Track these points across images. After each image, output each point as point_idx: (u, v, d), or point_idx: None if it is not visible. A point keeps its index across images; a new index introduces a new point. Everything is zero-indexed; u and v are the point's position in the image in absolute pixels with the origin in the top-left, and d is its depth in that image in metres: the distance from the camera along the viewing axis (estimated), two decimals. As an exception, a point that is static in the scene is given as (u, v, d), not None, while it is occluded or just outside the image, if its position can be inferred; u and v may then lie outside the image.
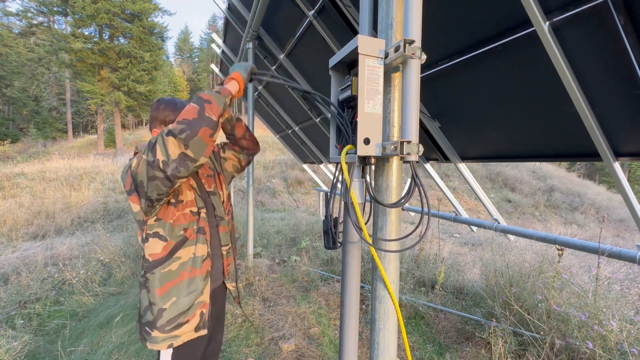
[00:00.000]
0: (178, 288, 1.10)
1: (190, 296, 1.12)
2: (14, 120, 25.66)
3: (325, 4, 2.46)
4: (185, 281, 1.11)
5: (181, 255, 1.11)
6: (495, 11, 1.60)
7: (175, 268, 1.10)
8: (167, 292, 1.09)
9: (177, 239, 1.11)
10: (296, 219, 6.59)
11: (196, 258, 1.14)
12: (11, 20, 23.15)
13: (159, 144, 0.95)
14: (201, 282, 1.15)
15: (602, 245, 1.94)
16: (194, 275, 1.13)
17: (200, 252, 1.16)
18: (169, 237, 1.10)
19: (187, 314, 1.11)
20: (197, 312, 1.14)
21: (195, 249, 1.14)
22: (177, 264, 1.10)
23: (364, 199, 1.02)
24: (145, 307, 1.10)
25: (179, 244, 1.11)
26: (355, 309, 1.01)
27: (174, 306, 1.09)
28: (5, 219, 7.34)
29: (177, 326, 1.10)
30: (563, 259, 2.39)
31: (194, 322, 1.13)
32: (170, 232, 1.10)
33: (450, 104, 2.37)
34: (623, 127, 1.55)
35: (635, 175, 22.36)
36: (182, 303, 1.10)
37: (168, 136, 0.93)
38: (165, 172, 0.95)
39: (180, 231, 1.12)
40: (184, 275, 1.11)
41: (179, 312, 1.10)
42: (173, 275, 1.10)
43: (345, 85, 1.02)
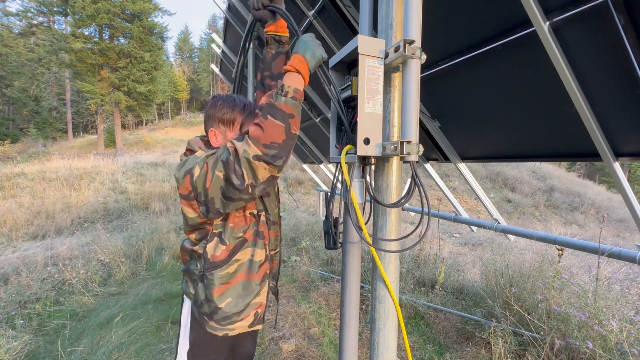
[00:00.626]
0: (234, 289, 1.10)
1: (245, 299, 1.12)
2: (14, 120, 25.67)
3: (325, 4, 2.46)
4: (241, 283, 1.11)
5: (240, 257, 1.11)
6: (495, 11, 1.60)
7: (233, 270, 1.10)
8: (224, 292, 1.09)
9: (235, 240, 1.10)
10: (296, 219, 6.58)
11: (253, 262, 1.13)
12: (11, 20, 23.18)
13: (245, 167, 0.88)
14: (257, 286, 1.15)
15: (602, 245, 1.94)
16: (250, 279, 1.13)
17: (258, 257, 1.14)
18: (228, 240, 1.08)
19: (242, 314, 1.12)
20: (251, 312, 1.15)
21: (253, 252, 1.13)
22: (235, 266, 1.10)
23: (364, 199, 1.02)
24: (202, 300, 1.11)
25: (238, 245, 1.10)
26: (355, 309, 1.01)
27: (229, 306, 1.10)
28: (5, 219, 7.34)
29: (231, 322, 1.11)
30: (563, 259, 2.39)
31: (248, 320, 1.14)
32: (230, 234, 1.08)
33: (450, 104, 2.37)
34: (623, 127, 1.55)
35: (635, 175, 22.37)
36: (237, 304, 1.11)
37: (259, 161, 0.87)
38: (252, 194, 0.93)
39: (240, 233, 1.10)
40: (241, 277, 1.11)
41: (233, 312, 1.11)
42: (230, 277, 1.10)
43: (345, 85, 1.02)
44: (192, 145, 1.14)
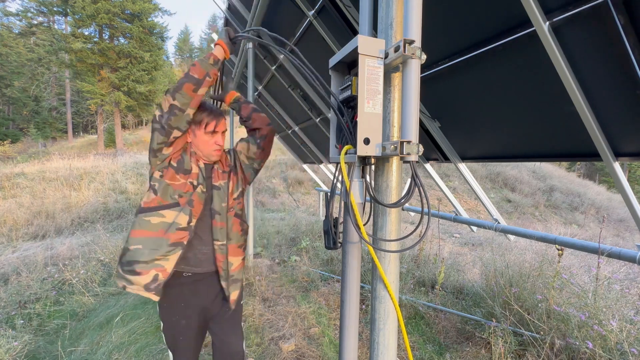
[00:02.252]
0: (146, 239, 1.20)
1: (151, 252, 1.20)
2: (14, 120, 25.65)
3: (325, 4, 2.46)
4: (155, 238, 1.21)
5: (166, 215, 1.22)
6: (495, 11, 1.60)
7: (155, 222, 1.21)
8: (137, 238, 1.20)
9: (171, 200, 1.23)
10: (296, 219, 6.58)
11: (174, 224, 1.23)
12: (11, 20, 23.15)
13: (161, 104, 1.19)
14: (167, 246, 1.22)
15: (602, 245, 1.94)
16: (164, 237, 1.22)
17: (180, 220, 1.24)
18: (161, 195, 1.23)
19: (142, 266, 1.19)
20: (151, 272, 1.20)
21: (178, 215, 1.24)
22: (158, 220, 1.22)
23: (364, 199, 1.02)
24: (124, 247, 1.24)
25: (170, 205, 1.23)
26: (355, 309, 1.01)
27: (135, 252, 1.20)
28: (5, 219, 7.34)
29: (131, 272, 1.19)
30: (563, 259, 2.39)
31: (145, 278, 1.20)
32: (164, 190, 1.23)
33: (450, 104, 2.37)
34: (623, 127, 1.55)
35: (635, 175, 22.36)
36: (141, 253, 1.19)
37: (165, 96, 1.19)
38: (160, 122, 1.18)
39: (176, 195, 1.24)
40: (160, 233, 1.21)
41: (135, 259, 1.19)
42: (150, 227, 1.21)
43: (345, 85, 1.02)
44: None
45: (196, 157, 1.33)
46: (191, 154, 1.32)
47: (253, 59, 3.66)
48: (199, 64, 1.20)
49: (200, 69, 1.19)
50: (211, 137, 1.33)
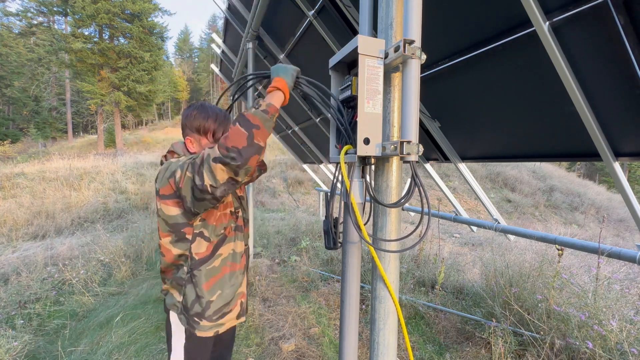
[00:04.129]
0: (222, 282, 1.19)
1: (232, 288, 1.22)
2: (14, 120, 25.65)
3: (325, 4, 2.46)
4: (227, 275, 1.21)
5: (222, 252, 1.20)
6: (495, 11, 1.60)
7: (218, 264, 1.18)
8: (213, 286, 1.17)
9: (217, 237, 1.18)
10: (296, 219, 6.58)
11: (235, 254, 1.24)
12: (11, 20, 23.15)
13: (205, 170, 0.95)
14: (240, 275, 1.26)
15: (602, 245, 1.94)
16: (234, 270, 1.23)
17: (239, 249, 1.26)
18: (212, 237, 1.17)
19: (231, 304, 1.22)
20: (238, 302, 1.25)
21: (235, 245, 1.24)
22: (219, 260, 1.19)
23: (364, 199, 1.02)
24: (193, 300, 1.16)
25: (220, 241, 1.19)
26: (355, 309, 1.01)
27: (220, 298, 1.18)
28: (5, 219, 7.34)
29: (222, 315, 1.19)
30: (563, 259, 2.39)
31: (236, 311, 1.24)
32: (212, 232, 1.17)
33: (450, 104, 2.36)
34: (623, 127, 1.55)
35: (635, 175, 22.36)
36: (226, 295, 1.20)
37: (216, 163, 0.93)
38: (214, 195, 0.99)
39: (221, 230, 1.19)
40: (226, 269, 1.20)
41: (224, 303, 1.19)
42: (216, 271, 1.18)
43: (345, 85, 1.02)
44: (176, 148, 1.24)
45: None
46: None
47: (253, 59, 3.66)
48: (263, 126, 0.95)
49: (266, 133, 0.96)
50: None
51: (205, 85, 48.94)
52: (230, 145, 0.92)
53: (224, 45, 5.47)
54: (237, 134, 0.92)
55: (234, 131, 0.93)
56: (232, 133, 0.93)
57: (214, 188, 0.97)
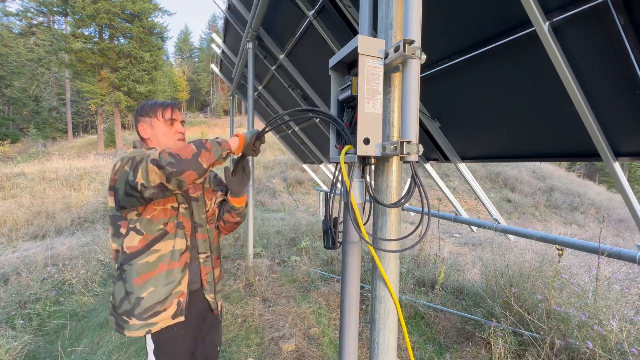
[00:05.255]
0: (156, 279, 1.14)
1: (167, 287, 1.16)
2: (14, 120, 25.64)
3: (325, 4, 2.46)
4: (164, 273, 1.16)
5: (160, 247, 1.16)
6: (495, 11, 1.60)
7: (153, 260, 1.14)
8: (145, 282, 1.13)
9: (155, 232, 1.15)
10: (296, 219, 6.58)
11: (175, 251, 1.19)
12: (11, 20, 23.15)
13: (141, 167, 0.96)
14: (179, 273, 1.19)
15: (602, 245, 1.94)
16: (172, 268, 1.18)
17: (179, 246, 1.20)
18: (145, 231, 1.14)
19: (164, 302, 1.16)
20: (174, 301, 1.18)
21: (175, 242, 1.19)
22: (155, 256, 1.15)
23: (364, 199, 1.02)
24: (122, 297, 1.14)
25: (159, 237, 1.16)
26: (355, 309, 1.01)
27: (151, 295, 1.13)
28: (5, 219, 7.34)
29: (154, 314, 1.14)
30: (563, 259, 2.39)
31: (171, 310, 1.17)
32: (147, 226, 1.14)
33: (450, 104, 2.36)
34: (623, 127, 1.55)
35: (635, 175, 22.36)
36: (159, 293, 1.14)
37: (153, 164, 0.95)
38: (142, 194, 0.99)
39: (160, 225, 1.16)
40: (163, 267, 1.16)
41: (156, 301, 1.14)
42: (151, 267, 1.14)
43: (345, 85, 1.02)
44: (135, 144, 1.31)
45: None
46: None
47: (253, 59, 3.66)
48: (212, 152, 1.02)
49: (212, 157, 1.01)
50: (170, 127, 1.27)
51: (205, 85, 48.93)
52: (175, 152, 0.97)
53: (224, 45, 5.47)
54: (187, 148, 0.99)
55: (185, 146, 1.00)
56: (183, 147, 1.00)
57: (144, 188, 0.97)
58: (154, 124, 1.26)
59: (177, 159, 0.95)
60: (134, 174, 0.98)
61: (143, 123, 1.28)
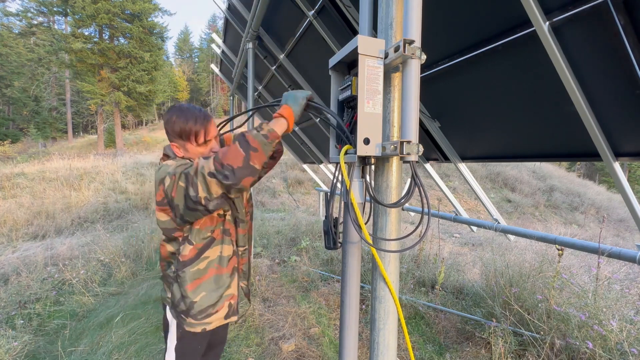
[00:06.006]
0: (207, 284, 1.20)
1: (218, 291, 1.22)
2: (14, 120, 25.65)
3: (325, 4, 2.46)
4: (213, 277, 1.21)
5: (209, 254, 1.20)
6: (495, 11, 1.60)
7: (203, 267, 1.19)
8: (197, 287, 1.18)
9: (203, 240, 1.18)
10: (296, 219, 6.58)
11: (222, 257, 1.23)
12: (11, 20, 23.13)
13: (200, 182, 0.96)
14: (227, 278, 1.25)
15: (602, 245, 1.94)
16: (221, 273, 1.23)
17: (226, 252, 1.24)
18: (195, 240, 1.17)
19: (216, 306, 1.22)
20: (225, 304, 1.25)
21: (222, 248, 1.23)
22: (205, 263, 1.19)
23: (364, 199, 1.02)
24: (179, 298, 1.19)
25: (207, 244, 1.19)
26: (355, 309, 1.01)
27: (203, 299, 1.19)
28: (5, 219, 7.34)
29: (208, 315, 1.20)
30: (563, 259, 2.39)
31: (222, 312, 1.24)
32: (196, 235, 1.17)
33: (450, 104, 2.36)
34: (623, 127, 1.55)
35: (635, 175, 22.36)
36: (210, 297, 1.20)
37: (211, 177, 0.95)
38: (207, 207, 1.00)
39: (208, 233, 1.19)
40: (212, 272, 1.21)
41: (208, 304, 1.20)
42: (202, 273, 1.19)
43: (345, 85, 1.02)
44: (167, 151, 1.24)
45: None
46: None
47: (253, 59, 3.66)
48: (261, 150, 0.97)
49: (263, 157, 0.97)
50: (205, 148, 1.21)
51: (205, 85, 48.91)
52: (226, 162, 0.94)
53: (224, 45, 5.47)
54: (235, 152, 0.95)
55: (232, 150, 0.95)
56: (230, 151, 0.95)
57: (208, 201, 0.98)
58: (187, 148, 1.19)
59: (231, 169, 0.93)
60: (194, 189, 0.97)
61: (176, 144, 1.20)
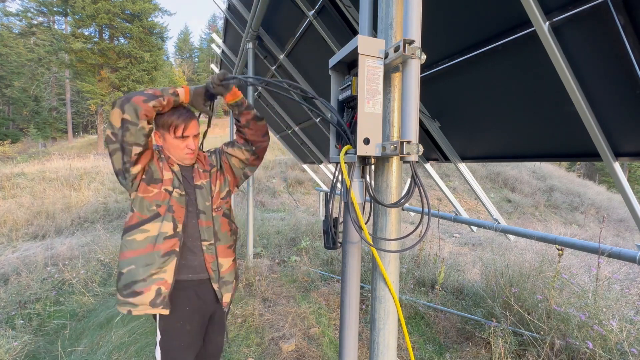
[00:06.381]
0: (137, 258, 1.18)
1: (146, 268, 1.18)
2: (14, 120, 25.65)
3: (325, 4, 2.46)
4: (146, 254, 1.19)
5: (149, 228, 1.20)
6: (495, 11, 1.60)
7: (141, 239, 1.19)
8: (128, 259, 1.18)
9: (150, 213, 1.21)
10: (296, 219, 6.58)
11: (160, 234, 1.21)
12: (11, 20, 23.13)
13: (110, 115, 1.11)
14: (159, 258, 1.20)
15: (602, 245, 1.94)
16: (154, 250, 1.19)
17: (165, 229, 1.21)
18: (138, 209, 1.21)
19: (140, 284, 1.17)
20: (152, 287, 1.18)
21: (162, 225, 1.21)
22: (143, 236, 1.19)
23: (364, 199, 1.02)
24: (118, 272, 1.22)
25: (151, 217, 1.21)
26: (355, 309, 1.01)
27: (130, 273, 1.18)
28: (5, 219, 7.33)
29: (132, 294, 1.18)
30: (563, 259, 2.39)
31: (149, 296, 1.18)
32: (140, 205, 1.20)
33: (450, 104, 2.37)
34: (623, 127, 1.55)
35: (635, 175, 22.35)
36: (136, 272, 1.18)
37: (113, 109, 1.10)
38: (116, 141, 1.11)
39: (153, 207, 1.21)
40: (149, 248, 1.19)
41: (132, 280, 1.18)
42: (137, 245, 1.19)
43: (345, 85, 1.02)
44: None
45: (170, 161, 1.29)
46: (161, 159, 1.28)
47: (253, 59, 3.66)
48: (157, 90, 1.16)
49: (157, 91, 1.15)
50: (182, 142, 1.28)
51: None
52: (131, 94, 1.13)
53: (224, 45, 5.47)
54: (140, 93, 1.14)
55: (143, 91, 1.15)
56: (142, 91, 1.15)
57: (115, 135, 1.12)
58: (166, 138, 1.29)
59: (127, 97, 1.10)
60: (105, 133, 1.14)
61: (157, 132, 1.31)
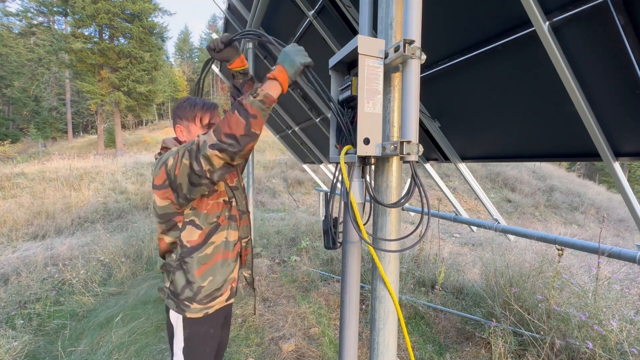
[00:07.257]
0: (213, 268, 1.23)
1: (223, 274, 1.26)
2: (14, 120, 25.65)
3: (325, 4, 2.46)
4: (219, 262, 1.24)
5: (215, 240, 1.23)
6: (495, 11, 1.60)
7: (210, 252, 1.22)
8: (205, 272, 1.21)
9: (210, 225, 1.22)
10: (296, 219, 6.58)
11: (228, 242, 1.27)
12: (11, 20, 23.13)
13: (202, 156, 0.99)
14: (232, 263, 1.30)
15: (602, 245, 1.94)
16: (227, 257, 1.27)
17: (231, 237, 1.29)
18: (203, 225, 1.20)
19: (221, 289, 1.26)
20: (228, 287, 1.30)
21: (227, 234, 1.27)
22: (211, 248, 1.22)
23: (364, 199, 1.02)
24: (183, 285, 1.20)
25: (213, 230, 1.22)
26: (355, 309, 1.01)
27: (211, 284, 1.22)
28: (5, 219, 7.34)
29: (213, 299, 1.24)
30: (563, 259, 2.39)
31: (226, 295, 1.29)
32: (204, 220, 1.20)
33: (450, 104, 2.36)
34: (623, 127, 1.55)
35: (635, 175, 22.35)
36: (217, 281, 1.24)
37: (213, 150, 0.97)
38: (211, 179, 1.04)
39: (214, 218, 1.22)
40: (218, 257, 1.24)
41: (215, 288, 1.24)
42: (209, 258, 1.22)
43: (345, 85, 1.02)
44: (167, 143, 1.29)
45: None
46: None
47: (253, 59, 3.66)
48: (260, 116, 0.97)
49: (262, 122, 0.99)
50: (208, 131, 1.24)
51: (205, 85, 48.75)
52: (229, 132, 0.96)
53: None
54: (236, 122, 0.96)
55: (233, 119, 0.96)
56: (230, 120, 0.96)
57: (212, 172, 1.02)
58: (191, 129, 1.27)
59: (234, 138, 0.96)
60: (197, 164, 1.00)
61: (181, 125, 1.28)
